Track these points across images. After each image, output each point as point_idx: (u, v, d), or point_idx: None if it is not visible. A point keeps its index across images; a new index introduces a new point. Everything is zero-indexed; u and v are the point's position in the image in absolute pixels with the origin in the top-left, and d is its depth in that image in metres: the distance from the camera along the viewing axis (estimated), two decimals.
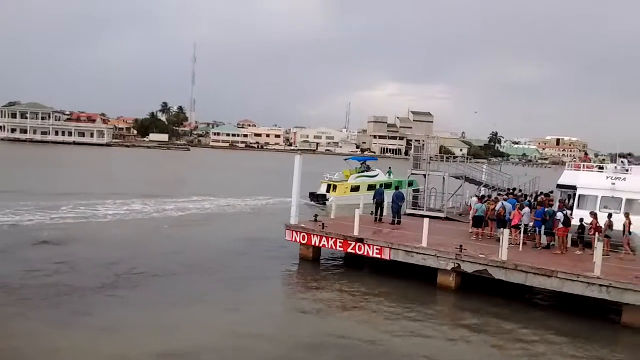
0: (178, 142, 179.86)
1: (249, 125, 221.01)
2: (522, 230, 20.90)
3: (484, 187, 34.82)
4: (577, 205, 23.48)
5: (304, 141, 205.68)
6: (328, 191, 31.27)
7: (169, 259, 21.64)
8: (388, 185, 37.96)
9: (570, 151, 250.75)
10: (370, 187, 33.10)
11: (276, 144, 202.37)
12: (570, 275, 16.74)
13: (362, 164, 44.92)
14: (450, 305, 18.36)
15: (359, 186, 31.88)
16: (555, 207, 22.66)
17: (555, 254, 19.95)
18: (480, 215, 23.26)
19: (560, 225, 20.20)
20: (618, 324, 16.12)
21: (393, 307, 17.22)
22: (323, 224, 22.37)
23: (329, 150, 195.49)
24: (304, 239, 22.08)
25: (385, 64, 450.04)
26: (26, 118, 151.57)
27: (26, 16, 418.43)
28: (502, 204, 22.95)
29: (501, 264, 17.92)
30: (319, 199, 37.48)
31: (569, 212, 21.16)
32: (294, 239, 22.36)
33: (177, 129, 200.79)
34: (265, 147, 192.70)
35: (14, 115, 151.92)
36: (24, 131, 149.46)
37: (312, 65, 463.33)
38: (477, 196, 27.85)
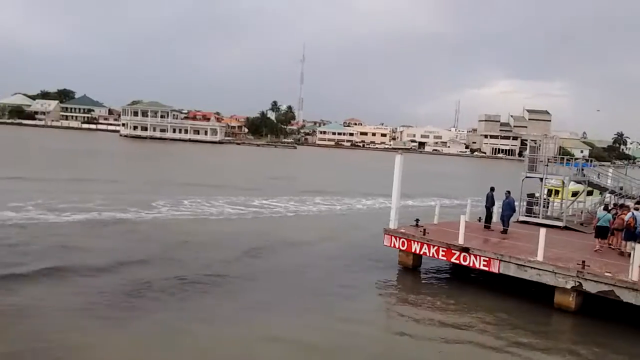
0: (286, 139, 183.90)
1: (355, 124, 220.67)
2: None
3: (609, 193, 31.31)
4: None
5: (411, 140, 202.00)
6: (549, 195, 31.08)
7: (258, 262, 21.07)
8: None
9: None
10: (589, 193, 31.88)
11: (382, 142, 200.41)
12: None
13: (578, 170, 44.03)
14: (569, 330, 16.06)
15: (578, 191, 31.43)
16: None
17: None
18: (604, 225, 20.64)
19: None
20: None
21: (501, 330, 15.24)
22: (424, 230, 20.74)
23: (436, 149, 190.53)
24: (403, 245, 20.63)
25: (496, 59, 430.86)
26: (147, 116, 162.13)
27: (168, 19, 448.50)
28: (633, 213, 20.09)
29: (631, 284, 15.39)
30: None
31: None
32: (392, 245, 20.97)
33: (286, 127, 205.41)
34: (370, 146, 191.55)
35: (135, 113, 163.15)
36: (144, 128, 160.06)
37: (420, 63, 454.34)
38: (606, 204, 24.82)
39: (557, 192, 30.29)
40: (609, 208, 22.25)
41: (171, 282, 17.35)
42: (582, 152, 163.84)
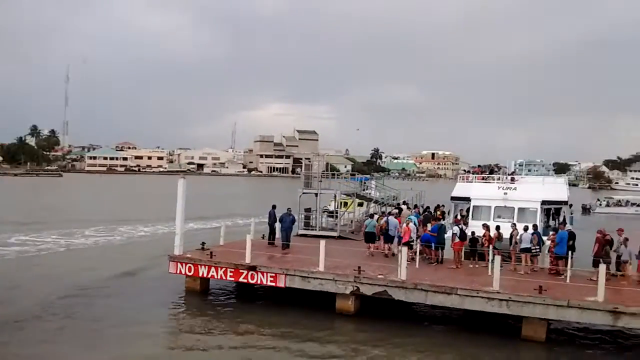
0: (49, 167, 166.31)
1: (129, 148, 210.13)
2: (413, 245, 20.48)
3: (374, 202, 34.81)
4: (472, 216, 23.72)
5: (189, 162, 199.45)
6: (340, 207, 32.78)
7: (25, 305, 18.50)
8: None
9: (444, 164, 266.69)
10: (360, 204, 34.60)
11: (159, 166, 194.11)
12: (470, 291, 16.37)
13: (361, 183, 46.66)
14: (350, 331, 17.23)
15: (363, 202, 33.40)
16: (449, 220, 22.73)
17: (450, 269, 19.71)
18: (371, 231, 23.09)
19: (457, 240, 20.05)
20: (518, 337, 15.88)
21: (289, 339, 15.76)
22: (211, 252, 20.44)
23: (215, 171, 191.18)
24: (189, 271, 19.99)
25: (269, 84, 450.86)
26: None
27: None
28: (387, 218, 22.84)
29: (400, 283, 17.21)
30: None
31: (463, 226, 21.11)
32: (178, 271, 20.18)
33: (48, 153, 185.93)
34: (146, 170, 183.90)
35: None
36: None
37: (195, 85, 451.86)
38: (372, 213, 27.54)
39: (345, 203, 33.36)
40: (375, 216, 24.68)
41: None
42: (345, 167, 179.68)
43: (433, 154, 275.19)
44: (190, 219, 41.69)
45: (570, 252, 18.73)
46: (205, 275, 19.79)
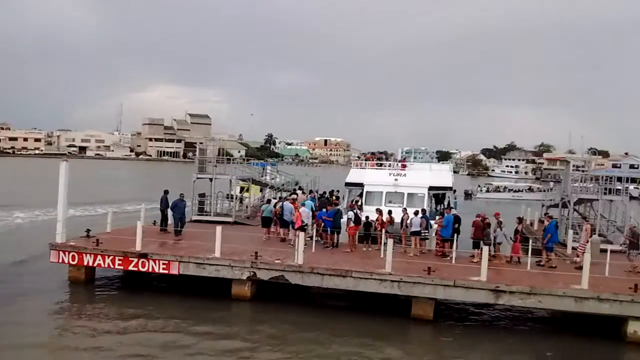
0: None
1: (2, 129, 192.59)
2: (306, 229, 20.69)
3: (269, 188, 34.74)
4: (365, 201, 24.37)
5: (70, 145, 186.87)
6: (241, 192, 32.42)
7: None
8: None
9: (337, 150, 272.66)
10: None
11: (35, 148, 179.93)
12: (364, 273, 16.83)
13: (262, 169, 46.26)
14: (247, 316, 17.14)
15: (259, 188, 34.42)
16: (344, 205, 23.19)
17: (345, 252, 20.14)
18: (268, 216, 23.09)
19: (351, 224, 20.50)
20: (408, 316, 16.59)
21: (184, 327, 15.35)
22: (97, 240, 19.27)
23: (99, 154, 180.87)
24: (73, 259, 18.70)
25: (158, 64, 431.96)
26: None
27: None
28: (282, 204, 22.98)
29: (297, 268, 17.31)
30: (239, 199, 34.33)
31: (358, 211, 21.60)
32: (61, 260, 18.80)
33: None
34: (22, 152, 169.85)
35: None
36: None
37: (81, 64, 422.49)
38: (270, 199, 27.46)
39: (247, 189, 33.19)
40: (272, 201, 24.64)
41: None
42: (239, 152, 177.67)
43: (326, 141, 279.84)
44: (73, 204, 39.23)
45: (455, 235, 19.89)
46: (90, 264, 18.65)
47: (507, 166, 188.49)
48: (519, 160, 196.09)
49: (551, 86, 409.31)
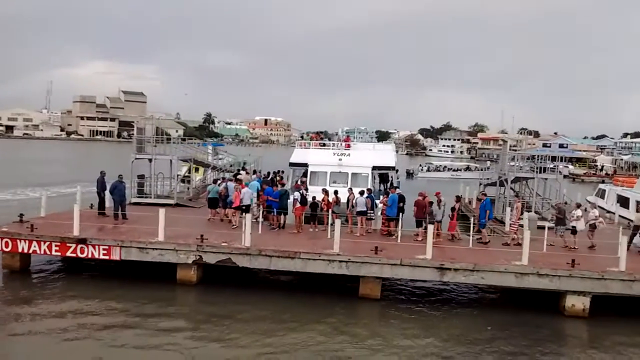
0: None
1: None
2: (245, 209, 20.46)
3: (211, 169, 34.09)
4: (309, 181, 24.27)
5: None
6: (189, 172, 31.68)
7: None
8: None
9: (277, 130, 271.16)
10: (196, 170, 33.40)
11: None
12: (312, 254, 16.81)
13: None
14: (192, 301, 16.79)
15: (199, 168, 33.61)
16: (289, 186, 23.02)
17: (292, 233, 20.06)
18: (214, 197, 22.90)
19: (298, 205, 20.37)
20: (356, 296, 16.76)
21: (126, 314, 14.90)
22: (32, 225, 18.27)
23: (27, 134, 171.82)
24: (7, 246, 17.69)
25: (87, 40, 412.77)
26: None
27: None
28: (226, 184, 22.63)
29: (245, 250, 17.07)
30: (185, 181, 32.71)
31: (304, 191, 21.48)
32: None
33: None
34: None
35: None
36: None
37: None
38: (216, 179, 26.98)
39: (197, 169, 32.43)
40: (218, 181, 24.17)
41: None
42: (177, 131, 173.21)
43: (266, 120, 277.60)
44: (1, 187, 37.16)
45: (400, 214, 20.18)
46: (25, 250, 17.71)
47: (444, 146, 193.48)
48: (454, 140, 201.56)
49: (487, 70, 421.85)
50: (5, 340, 13.26)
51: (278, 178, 27.08)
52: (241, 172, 29.62)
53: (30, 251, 17.74)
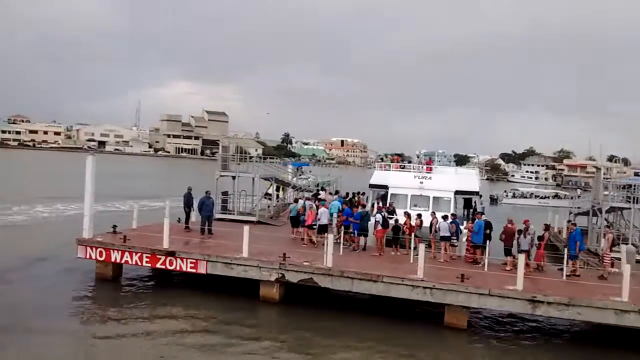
0: None
1: (22, 121, 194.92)
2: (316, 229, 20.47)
3: (291, 188, 34.49)
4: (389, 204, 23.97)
5: (89, 139, 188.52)
6: (278, 191, 33.16)
7: None
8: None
9: (353, 151, 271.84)
10: (278, 188, 34.17)
11: (55, 141, 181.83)
12: (395, 279, 16.43)
13: (297, 169, 48.42)
14: (275, 319, 16.84)
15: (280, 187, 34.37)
16: (368, 207, 22.84)
17: (373, 256, 19.78)
18: (295, 215, 23.05)
19: (379, 227, 20.12)
20: (441, 324, 16.17)
21: (211, 328, 15.15)
22: (125, 237, 19.13)
23: (118, 149, 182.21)
24: (100, 255, 18.61)
25: (175, 62, 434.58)
26: None
27: None
28: (304, 203, 22.77)
29: (326, 270, 16.98)
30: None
31: (386, 213, 21.21)
32: (88, 256, 18.72)
33: None
34: (43, 145, 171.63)
35: None
36: None
37: (97, 60, 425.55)
38: (298, 198, 27.22)
39: (283, 188, 33.21)
40: (300, 201, 24.38)
41: None
42: (256, 150, 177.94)
43: (342, 141, 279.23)
44: (96, 199, 39.26)
45: (487, 241, 19.39)
46: (118, 260, 18.52)
47: (527, 171, 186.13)
48: (538, 165, 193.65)
49: (567, 95, 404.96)
50: (92, 340, 13.99)
51: (356, 199, 26.94)
52: (320, 192, 29.77)
53: (123, 261, 18.54)
